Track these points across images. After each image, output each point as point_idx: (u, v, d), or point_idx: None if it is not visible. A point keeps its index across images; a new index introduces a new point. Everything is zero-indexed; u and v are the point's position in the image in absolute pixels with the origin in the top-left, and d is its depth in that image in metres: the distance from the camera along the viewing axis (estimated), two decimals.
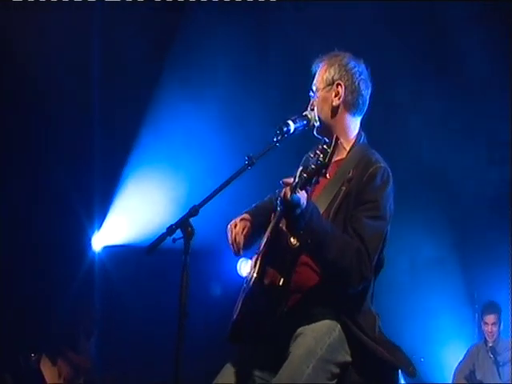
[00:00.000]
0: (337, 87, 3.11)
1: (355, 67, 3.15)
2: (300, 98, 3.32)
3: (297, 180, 2.67)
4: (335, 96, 3.11)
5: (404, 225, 6.54)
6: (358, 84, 3.14)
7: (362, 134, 3.14)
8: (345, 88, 3.11)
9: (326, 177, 2.66)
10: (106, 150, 6.95)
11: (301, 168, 2.69)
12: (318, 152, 2.65)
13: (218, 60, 6.89)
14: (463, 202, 7.20)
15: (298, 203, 2.69)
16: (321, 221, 2.81)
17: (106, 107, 6.87)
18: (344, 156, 3.05)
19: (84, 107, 6.88)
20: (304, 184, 2.65)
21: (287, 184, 2.73)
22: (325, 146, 2.64)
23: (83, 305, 6.95)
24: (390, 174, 3.01)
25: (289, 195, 2.68)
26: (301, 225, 2.74)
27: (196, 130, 6.97)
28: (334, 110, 3.12)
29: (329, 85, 3.12)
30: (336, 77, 3.12)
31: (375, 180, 2.93)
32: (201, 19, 6.80)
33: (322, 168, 2.62)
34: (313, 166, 2.63)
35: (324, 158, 2.62)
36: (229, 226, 3.16)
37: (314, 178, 2.65)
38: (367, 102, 3.18)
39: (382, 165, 2.99)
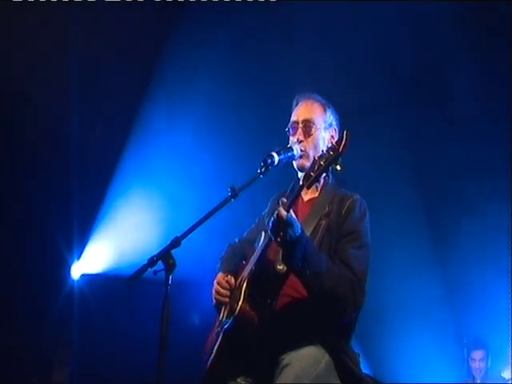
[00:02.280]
0: (332, 131, 3.39)
1: (338, 119, 3.47)
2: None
3: (301, 183, 2.85)
4: (331, 139, 3.35)
5: (392, 261, 6.67)
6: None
7: (330, 174, 3.31)
8: (337, 134, 3.39)
9: (337, 169, 2.81)
10: (85, 177, 6.98)
11: (304, 174, 2.89)
12: (324, 152, 2.84)
13: (204, 81, 6.91)
14: (453, 239, 7.30)
15: (291, 223, 2.84)
16: (317, 251, 2.97)
17: (85, 131, 6.89)
18: (317, 195, 3.27)
19: (63, 131, 6.90)
20: (312, 182, 2.83)
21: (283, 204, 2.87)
22: (333, 143, 2.84)
23: (60, 334, 6.98)
24: (365, 203, 3.25)
25: (284, 214, 2.82)
26: (298, 254, 2.88)
27: (179, 157, 7.02)
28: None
29: (327, 126, 3.37)
30: (334, 122, 3.41)
31: (354, 212, 3.17)
32: (184, 38, 6.86)
33: (336, 158, 2.79)
34: (322, 163, 2.80)
35: (337, 148, 2.78)
36: (215, 285, 3.24)
37: (325, 173, 2.85)
38: None
39: (358, 197, 3.25)
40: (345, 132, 2.81)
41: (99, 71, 6.72)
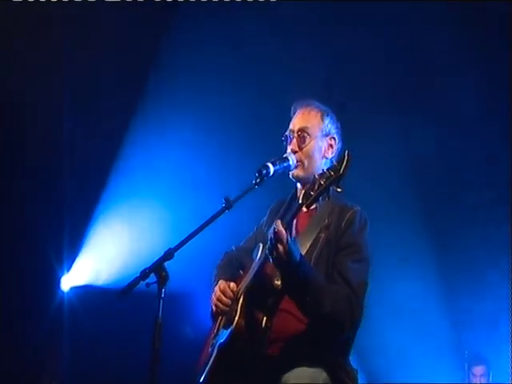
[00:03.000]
0: (331, 140, 3.38)
1: (340, 126, 3.45)
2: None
3: (300, 201, 2.81)
4: (328, 148, 3.36)
5: (390, 271, 6.68)
6: (341, 143, 3.43)
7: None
8: (336, 143, 3.39)
9: (338, 191, 2.75)
10: (76, 188, 6.99)
11: (303, 192, 2.83)
12: (324, 171, 2.77)
13: (197, 88, 6.91)
14: (454, 249, 7.33)
15: (291, 247, 2.81)
16: (315, 274, 2.94)
17: (76, 141, 6.89)
18: (316, 205, 3.16)
19: (53, 141, 6.92)
20: (312, 202, 2.77)
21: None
22: (334, 163, 2.77)
23: (49, 346, 6.99)
24: (366, 216, 3.23)
25: (283, 229, 2.80)
26: (297, 280, 2.86)
27: (174, 169, 7.03)
28: (323, 161, 3.35)
29: (325, 135, 3.36)
30: (332, 130, 3.39)
31: (354, 224, 3.14)
32: (179, 43, 6.89)
33: (336, 180, 2.73)
34: (322, 182, 2.74)
35: (339, 169, 2.72)
36: (217, 293, 3.22)
37: (325, 194, 2.76)
38: None
39: (358, 208, 3.22)
40: (346, 153, 2.75)
41: (93, 69, 6.74)
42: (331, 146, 3.37)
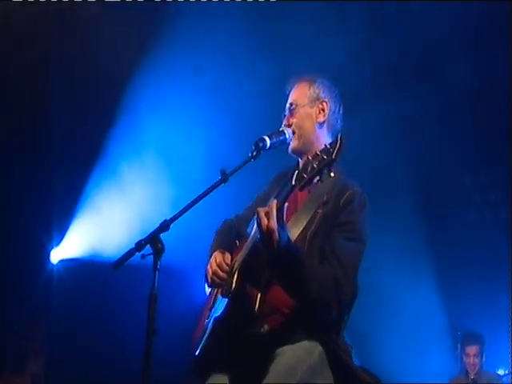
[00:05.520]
0: (321, 104, 3.37)
1: (336, 91, 3.44)
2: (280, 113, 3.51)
3: (293, 183, 2.81)
4: (319, 113, 3.36)
5: (384, 251, 6.74)
6: (339, 107, 3.43)
7: None
8: (329, 106, 3.38)
9: (330, 176, 2.72)
10: (66, 161, 7.03)
11: (296, 174, 2.82)
12: (317, 153, 2.74)
13: (188, 76, 7.01)
14: (448, 231, 7.40)
15: (277, 234, 2.82)
16: (302, 260, 2.95)
17: (66, 117, 6.95)
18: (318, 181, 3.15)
19: (42, 114, 6.98)
20: (305, 184, 2.76)
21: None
22: (327, 145, 2.73)
23: (35, 322, 7.04)
24: (366, 198, 3.23)
25: (275, 204, 2.82)
26: (283, 266, 2.90)
27: (162, 143, 7.08)
28: (316, 127, 3.35)
29: (313, 101, 3.37)
30: (322, 95, 3.39)
31: (352, 204, 3.14)
32: (169, 37, 6.92)
33: (328, 164, 2.70)
34: (314, 165, 2.73)
35: (331, 154, 2.69)
36: (213, 267, 3.23)
37: (318, 177, 2.74)
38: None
39: (358, 189, 3.21)
40: (339, 137, 2.72)
41: (85, 52, 6.77)
42: (322, 109, 3.36)
